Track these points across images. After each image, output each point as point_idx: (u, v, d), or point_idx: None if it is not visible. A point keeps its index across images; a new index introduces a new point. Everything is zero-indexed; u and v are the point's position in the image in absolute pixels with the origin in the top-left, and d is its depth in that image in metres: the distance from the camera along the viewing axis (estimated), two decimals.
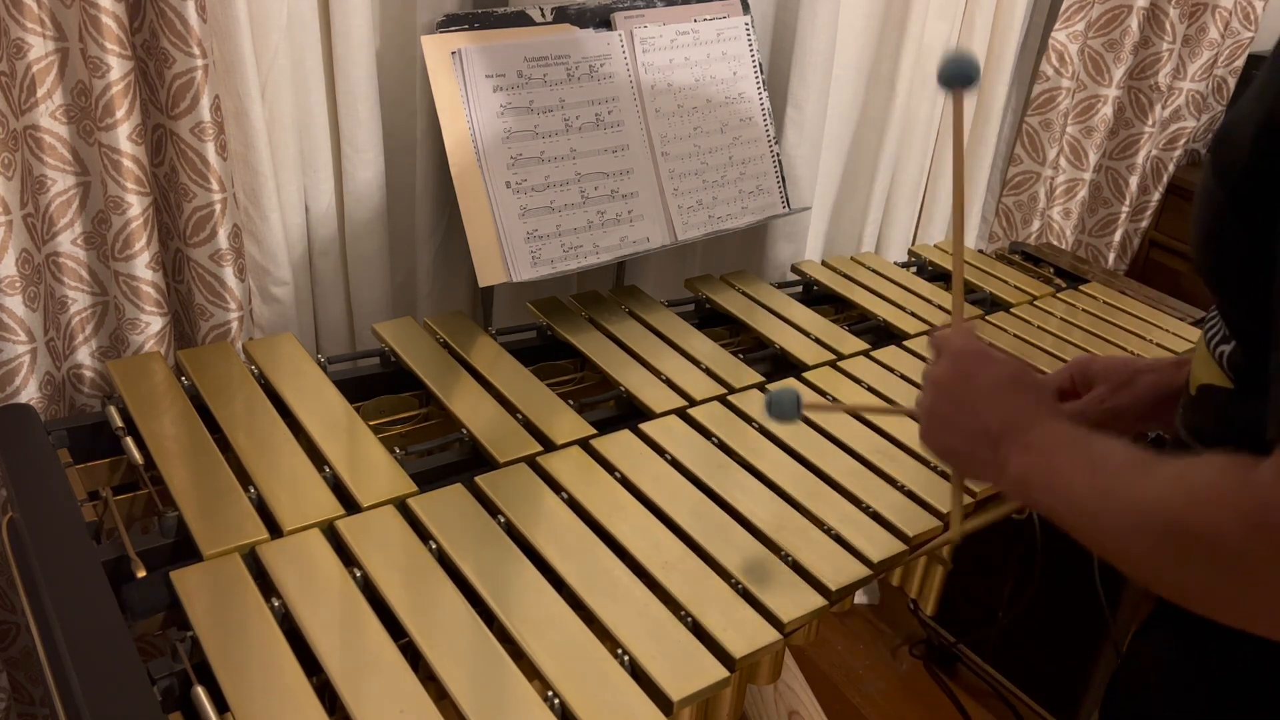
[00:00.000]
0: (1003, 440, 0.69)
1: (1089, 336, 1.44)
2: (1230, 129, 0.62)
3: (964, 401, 0.72)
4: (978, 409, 0.71)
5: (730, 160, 1.40)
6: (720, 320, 1.38)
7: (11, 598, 1.17)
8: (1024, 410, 0.70)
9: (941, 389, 0.74)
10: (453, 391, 1.10)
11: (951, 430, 0.73)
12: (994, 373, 0.73)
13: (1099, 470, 0.63)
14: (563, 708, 0.75)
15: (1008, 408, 0.70)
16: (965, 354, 0.75)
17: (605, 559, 0.89)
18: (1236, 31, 1.98)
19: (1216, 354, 0.68)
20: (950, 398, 0.73)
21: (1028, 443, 0.68)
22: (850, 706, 1.81)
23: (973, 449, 0.71)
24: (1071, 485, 0.64)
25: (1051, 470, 0.66)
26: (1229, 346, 0.66)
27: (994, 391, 0.72)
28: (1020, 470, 0.67)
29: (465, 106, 1.18)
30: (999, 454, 0.69)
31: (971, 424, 0.71)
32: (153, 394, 1.02)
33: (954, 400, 0.73)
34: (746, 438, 1.09)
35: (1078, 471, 0.64)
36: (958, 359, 0.75)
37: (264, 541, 0.85)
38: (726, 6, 1.40)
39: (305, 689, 0.73)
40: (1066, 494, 0.64)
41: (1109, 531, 0.61)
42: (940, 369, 0.75)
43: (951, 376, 0.74)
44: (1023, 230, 1.94)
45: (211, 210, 1.12)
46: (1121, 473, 0.61)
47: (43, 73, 1.02)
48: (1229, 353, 0.66)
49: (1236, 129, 0.61)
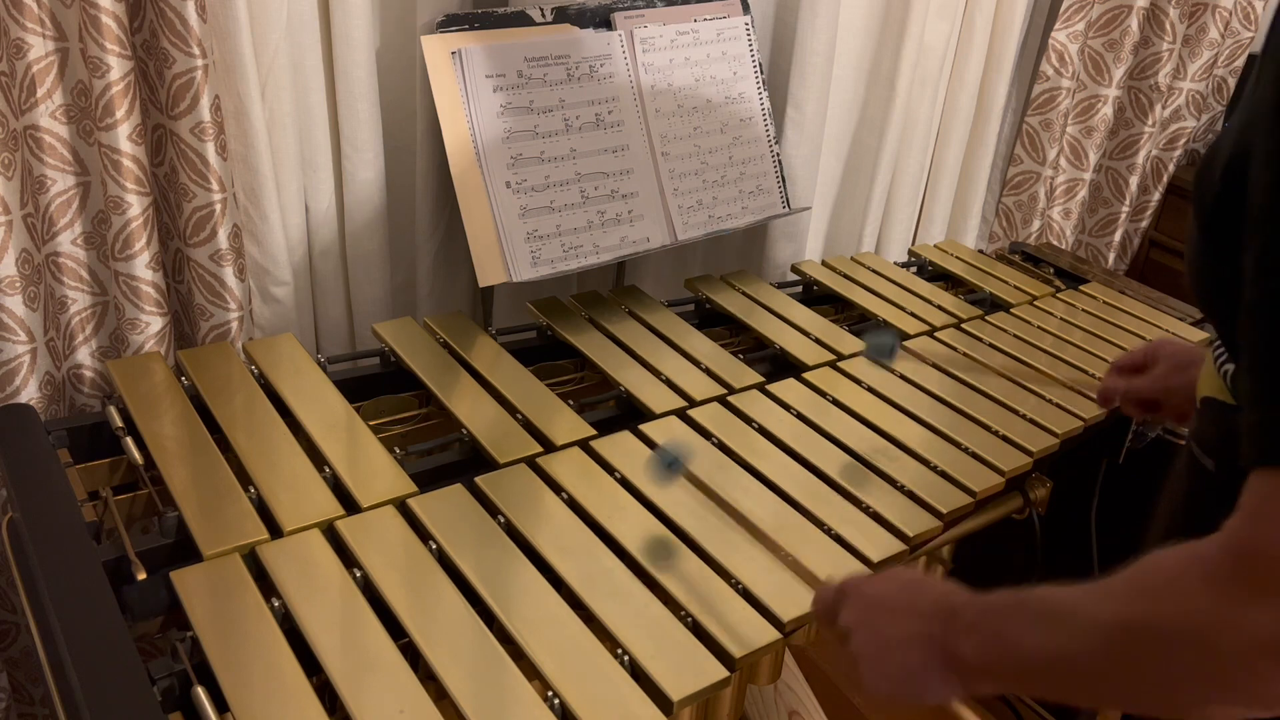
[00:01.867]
0: (946, 634, 0.66)
1: (1089, 336, 1.44)
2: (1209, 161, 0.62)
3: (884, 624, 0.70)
4: (902, 622, 0.69)
5: (730, 160, 1.40)
6: (720, 320, 1.38)
7: (11, 598, 1.17)
8: (946, 598, 0.68)
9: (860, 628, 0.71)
10: (453, 391, 1.10)
11: (889, 656, 0.69)
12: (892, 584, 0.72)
13: (1047, 619, 0.61)
14: (563, 708, 0.75)
15: (929, 604, 0.68)
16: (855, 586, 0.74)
17: (605, 559, 0.89)
18: (1236, 31, 1.98)
19: (1221, 372, 0.68)
20: (870, 627, 0.71)
21: (966, 624, 0.65)
22: (850, 706, 1.81)
23: (919, 662, 0.67)
24: (1024, 645, 0.62)
25: (1002, 640, 0.63)
26: (1231, 366, 0.67)
27: (907, 597, 0.70)
28: (974, 655, 0.64)
29: (465, 106, 1.18)
30: (950, 649, 0.65)
31: (907, 637, 0.68)
32: (153, 394, 1.02)
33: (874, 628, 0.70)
34: (746, 438, 1.09)
35: (1026, 628, 0.62)
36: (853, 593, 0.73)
37: (264, 541, 0.85)
38: (726, 6, 1.40)
39: (305, 689, 0.73)
40: (1026, 655, 0.62)
41: (1082, 674, 0.59)
42: (845, 615, 0.73)
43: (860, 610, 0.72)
44: (1023, 230, 1.94)
45: (211, 210, 1.12)
46: (1072, 611, 0.60)
47: (43, 73, 1.02)
48: (1231, 372, 0.67)
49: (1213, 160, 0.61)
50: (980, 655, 0.64)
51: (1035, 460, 1.14)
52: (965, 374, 1.27)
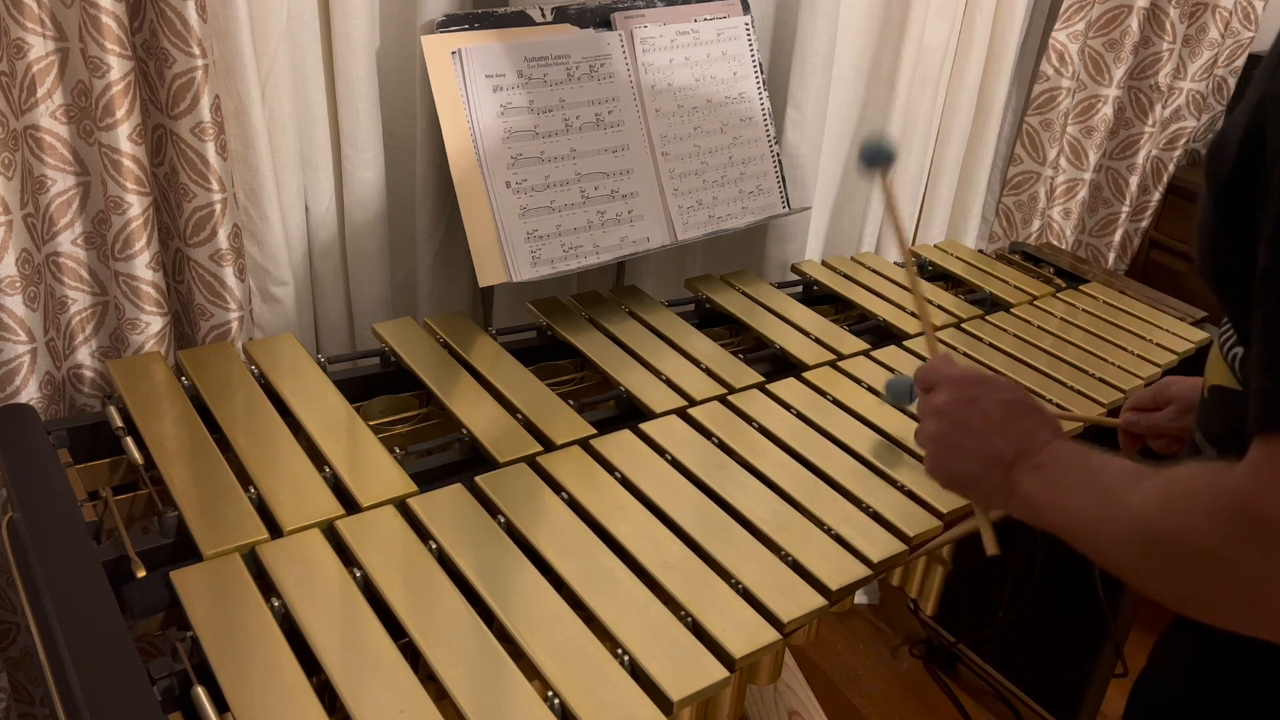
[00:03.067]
0: (1015, 465, 0.70)
1: (1089, 336, 1.44)
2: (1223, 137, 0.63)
3: (973, 428, 0.73)
4: (987, 435, 0.72)
5: (730, 160, 1.40)
6: (720, 320, 1.38)
7: (11, 598, 1.17)
8: (1033, 433, 0.71)
9: (947, 418, 0.75)
10: (453, 391, 1.10)
11: (963, 457, 0.74)
12: (999, 397, 0.74)
13: (1095, 485, 0.65)
14: (563, 708, 0.75)
15: (1018, 431, 0.71)
16: (965, 380, 0.76)
17: (605, 559, 0.89)
18: (1236, 31, 1.98)
19: (1229, 357, 0.69)
20: (958, 425, 0.74)
21: (1036, 463, 0.69)
22: (850, 706, 1.81)
23: (985, 474, 0.72)
24: (1072, 502, 0.66)
25: (1056, 489, 0.67)
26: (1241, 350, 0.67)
27: (1002, 417, 0.73)
28: (1029, 491, 0.69)
29: (465, 106, 1.18)
30: (1011, 477, 0.70)
31: (983, 450, 0.72)
32: (153, 394, 1.02)
33: (963, 428, 0.74)
34: (746, 438, 1.09)
35: (1078, 487, 0.66)
36: (958, 386, 0.76)
37: (264, 541, 0.85)
38: (726, 6, 1.40)
39: (305, 689, 0.73)
40: (1068, 510, 0.66)
41: (1104, 544, 0.63)
42: (941, 399, 0.76)
43: (956, 404, 0.75)
44: (1023, 230, 1.95)
45: (211, 210, 1.12)
46: (1114, 487, 0.63)
47: (43, 73, 1.02)
48: (1240, 356, 0.67)
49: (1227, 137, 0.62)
50: (1033, 494, 0.69)
51: None
52: None
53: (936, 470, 0.76)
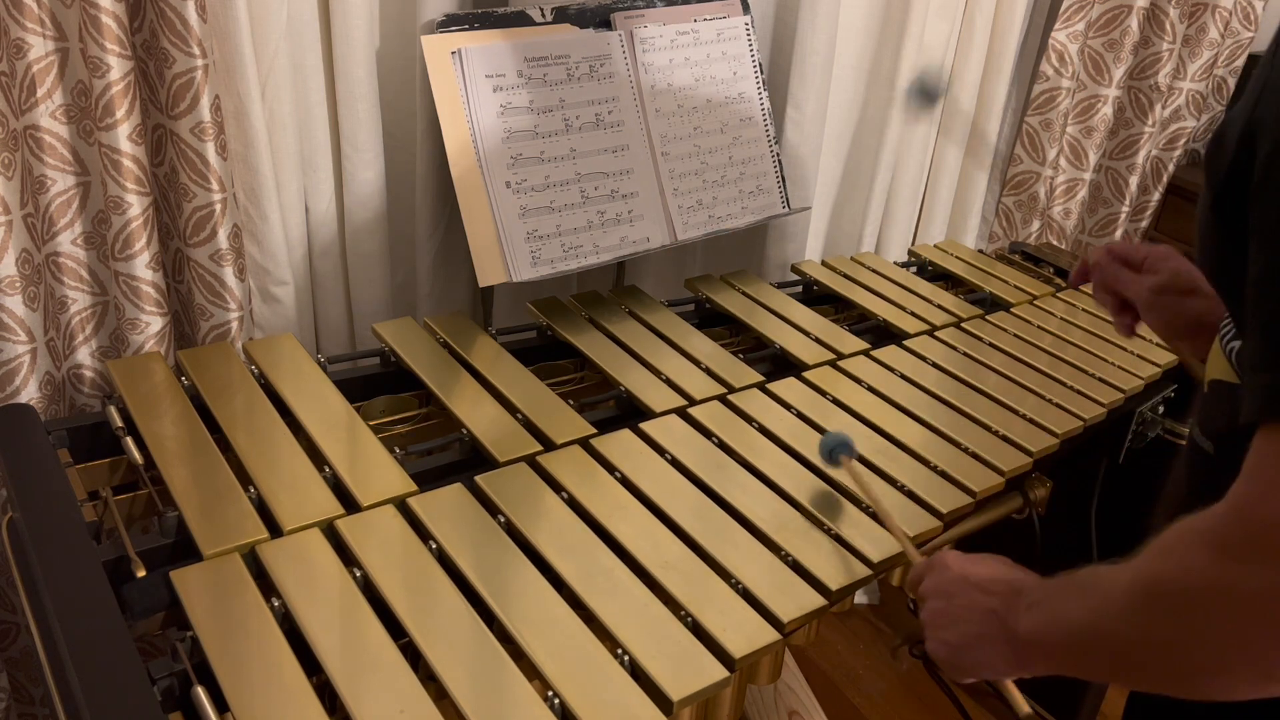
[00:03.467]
0: (1009, 613, 0.71)
1: (1089, 336, 1.44)
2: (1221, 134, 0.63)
3: (958, 595, 0.76)
4: (974, 597, 0.74)
5: (730, 160, 1.40)
6: (720, 320, 1.38)
7: (11, 598, 1.17)
8: (1018, 580, 0.73)
9: (937, 596, 0.78)
10: (453, 391, 1.10)
11: (956, 625, 0.75)
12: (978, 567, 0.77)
13: (1086, 590, 0.65)
14: (563, 708, 0.75)
15: (1002, 585, 0.73)
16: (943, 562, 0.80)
17: (605, 559, 0.89)
18: (1236, 31, 1.98)
19: (1228, 350, 0.69)
20: (946, 598, 0.77)
21: (1030, 603, 0.70)
22: (850, 706, 1.81)
23: (981, 633, 0.73)
24: (1069, 618, 0.66)
25: (1053, 615, 0.67)
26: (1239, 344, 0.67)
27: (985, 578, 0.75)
28: (1030, 630, 0.69)
29: (465, 106, 1.18)
30: (1008, 626, 0.70)
31: (972, 610, 0.74)
32: (153, 394, 1.02)
33: (950, 598, 0.76)
34: (746, 438, 1.09)
35: (1071, 603, 0.66)
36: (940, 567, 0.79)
37: (264, 541, 0.85)
38: (726, 6, 1.40)
39: (305, 689, 0.73)
40: (1068, 628, 0.66)
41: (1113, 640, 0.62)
42: (928, 583, 0.80)
43: (942, 582, 0.78)
44: (1023, 230, 1.95)
45: (211, 210, 1.12)
46: (1104, 580, 0.63)
47: (43, 73, 1.02)
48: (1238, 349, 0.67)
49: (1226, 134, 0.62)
50: (1034, 630, 0.68)
51: (1035, 460, 1.14)
52: (965, 374, 1.27)
53: (939, 648, 0.77)
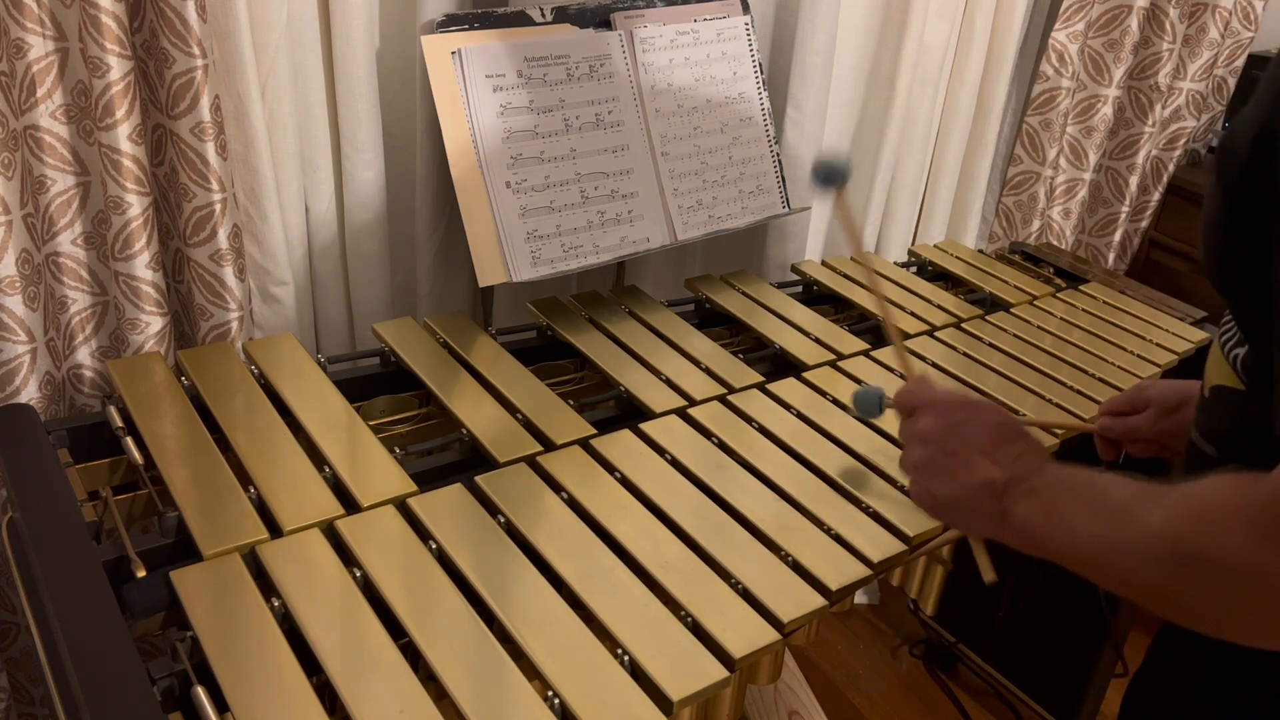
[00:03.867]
0: (1007, 490, 0.68)
1: (1089, 336, 1.44)
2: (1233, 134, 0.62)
3: (959, 453, 0.71)
4: (975, 460, 0.70)
5: (730, 160, 1.40)
6: (720, 320, 1.38)
7: (11, 598, 1.17)
8: (1023, 457, 0.70)
9: (932, 443, 0.73)
10: (453, 391, 1.10)
11: (950, 483, 0.71)
12: (985, 419, 0.72)
13: (1102, 510, 0.63)
14: (563, 708, 0.75)
15: (1006, 456, 0.70)
16: (948, 405, 0.74)
17: (605, 559, 0.89)
18: (1236, 31, 1.98)
19: (1230, 357, 0.68)
20: (944, 451, 0.72)
21: (1029, 488, 0.67)
22: (850, 706, 1.81)
23: (974, 500, 0.70)
24: (1075, 528, 0.64)
25: (1054, 514, 0.65)
26: (1243, 350, 0.67)
27: (989, 441, 0.71)
28: (1025, 517, 0.67)
29: (465, 106, 1.18)
30: (1003, 504, 0.68)
31: (972, 475, 0.70)
32: (153, 394, 1.02)
33: (948, 453, 0.72)
34: (746, 438, 1.09)
35: (1080, 514, 0.64)
36: (941, 411, 0.74)
37: (264, 541, 0.85)
38: (726, 6, 1.40)
39: (305, 689, 0.73)
40: (1073, 535, 0.64)
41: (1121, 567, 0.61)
42: (924, 423, 0.74)
43: (940, 429, 0.73)
44: (1023, 230, 1.95)
45: (211, 210, 1.12)
46: (1126, 509, 0.61)
47: (43, 73, 1.02)
48: (1242, 355, 0.67)
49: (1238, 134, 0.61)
50: (1029, 521, 0.67)
51: None
52: (965, 374, 1.27)
53: (923, 497, 0.74)
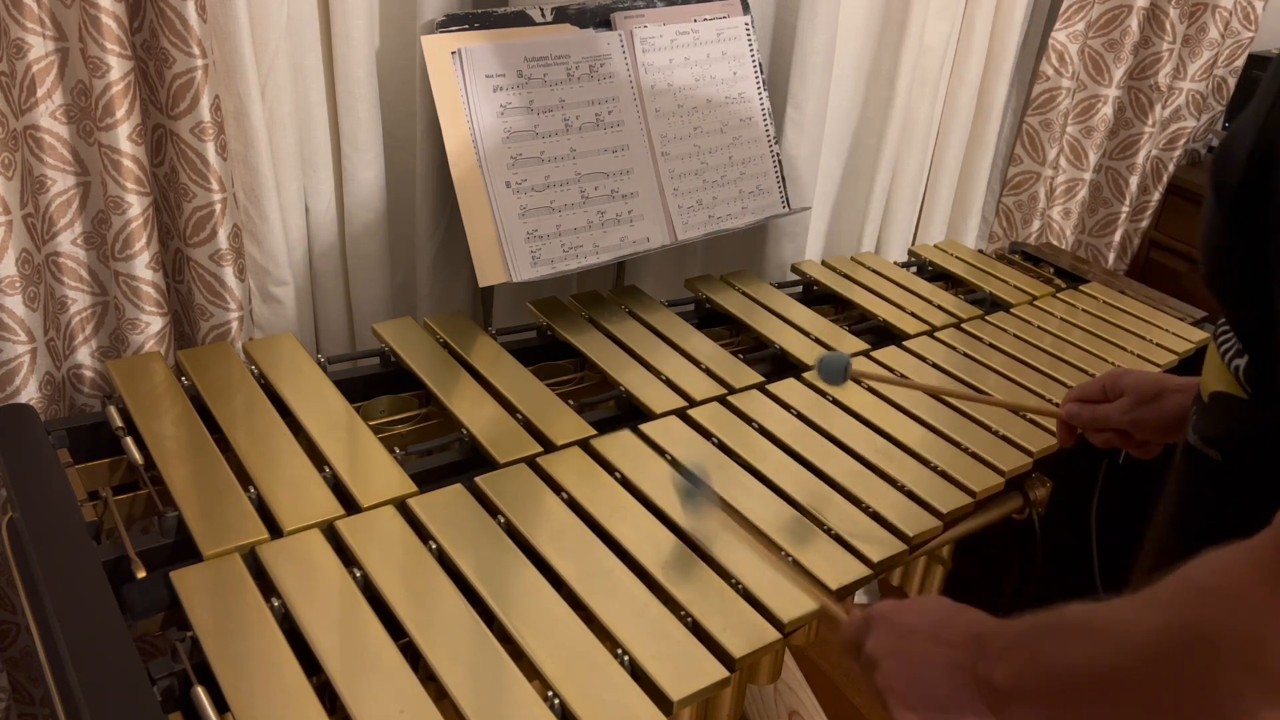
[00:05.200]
0: (979, 662, 0.65)
1: (1089, 336, 1.44)
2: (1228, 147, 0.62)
3: (913, 652, 0.69)
4: (931, 650, 0.68)
5: (730, 160, 1.40)
6: (720, 320, 1.38)
7: (11, 598, 1.17)
8: (976, 623, 0.67)
9: (886, 655, 0.70)
10: (453, 391, 1.10)
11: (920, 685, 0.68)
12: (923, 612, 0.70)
13: (1088, 633, 0.58)
14: (563, 708, 0.75)
15: (960, 632, 0.67)
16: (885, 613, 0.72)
17: (605, 559, 0.89)
18: (1236, 31, 1.98)
19: (1232, 367, 0.67)
20: (900, 657, 0.70)
21: (999, 649, 0.64)
22: (850, 706, 1.81)
23: (954, 694, 0.66)
24: (1065, 664, 0.59)
25: (1040, 662, 0.61)
26: (1244, 360, 0.66)
27: (938, 625, 0.69)
28: (1008, 677, 0.63)
29: (465, 106, 1.18)
30: (979, 675, 0.65)
31: (935, 665, 0.67)
32: (153, 394, 1.02)
33: (903, 656, 0.69)
34: (747, 438, 1.09)
35: (1065, 649, 0.59)
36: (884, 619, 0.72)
37: (264, 541, 0.85)
38: (726, 6, 1.40)
39: (305, 689, 0.73)
40: (1064, 675, 0.59)
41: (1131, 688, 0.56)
42: (872, 642, 0.72)
43: (888, 638, 0.71)
44: (1023, 230, 1.94)
45: (211, 210, 1.12)
46: (1114, 623, 0.57)
47: (43, 73, 1.02)
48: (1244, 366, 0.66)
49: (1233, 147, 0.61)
50: (1014, 680, 0.62)
51: (1035, 460, 1.14)
52: (965, 374, 1.27)
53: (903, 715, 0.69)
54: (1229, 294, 0.65)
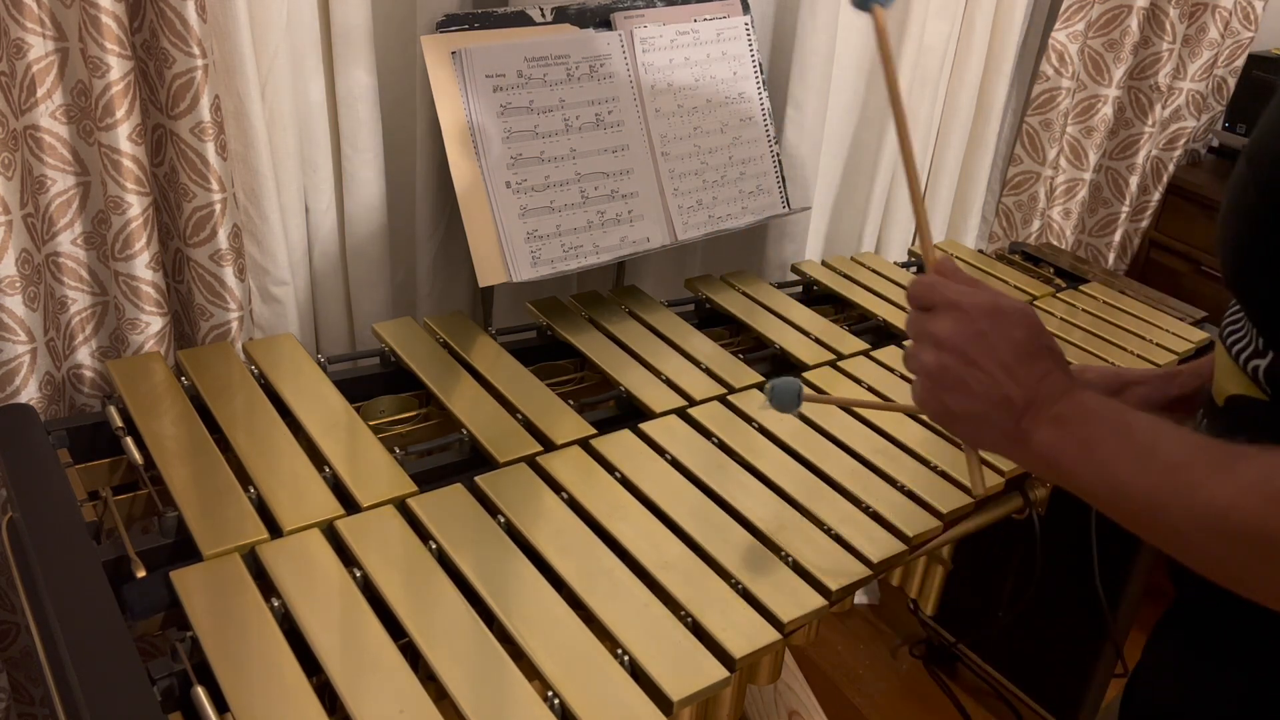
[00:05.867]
0: (1027, 411, 0.63)
1: (1089, 336, 1.44)
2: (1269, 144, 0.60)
3: (978, 363, 0.64)
4: (994, 373, 0.64)
5: (730, 160, 1.40)
6: (720, 320, 1.38)
7: (11, 598, 1.17)
8: (1048, 378, 0.64)
9: (948, 350, 0.65)
10: (453, 391, 1.10)
11: (962, 393, 0.65)
12: (1011, 334, 0.65)
13: (1151, 460, 0.58)
14: (563, 708, 0.75)
15: (1031, 375, 0.63)
16: (973, 310, 0.66)
17: (605, 559, 0.89)
18: (1236, 31, 1.98)
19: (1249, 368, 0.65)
20: (961, 358, 0.65)
21: (1056, 415, 0.62)
22: (850, 706, 1.81)
23: (987, 414, 0.64)
24: (1115, 471, 0.59)
25: (1087, 449, 0.60)
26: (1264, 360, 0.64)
27: (1013, 355, 0.64)
28: (1048, 446, 0.62)
29: (465, 106, 1.18)
30: (1021, 425, 0.63)
31: (988, 390, 0.64)
32: (153, 394, 1.02)
33: (966, 360, 0.64)
34: (746, 438, 1.09)
35: (1124, 458, 0.59)
36: (964, 316, 0.66)
37: (264, 541, 0.85)
38: (726, 6, 1.40)
39: (305, 689, 0.73)
40: (1112, 481, 0.59)
41: (1174, 532, 0.57)
42: (944, 326, 0.66)
43: (961, 337, 0.65)
44: (1023, 230, 1.94)
45: (211, 210, 1.12)
46: (1186, 470, 0.56)
47: (43, 73, 1.02)
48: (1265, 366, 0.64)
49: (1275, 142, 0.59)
50: (1055, 450, 0.61)
51: None
52: None
53: (929, 403, 0.67)
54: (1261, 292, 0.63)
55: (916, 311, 0.69)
